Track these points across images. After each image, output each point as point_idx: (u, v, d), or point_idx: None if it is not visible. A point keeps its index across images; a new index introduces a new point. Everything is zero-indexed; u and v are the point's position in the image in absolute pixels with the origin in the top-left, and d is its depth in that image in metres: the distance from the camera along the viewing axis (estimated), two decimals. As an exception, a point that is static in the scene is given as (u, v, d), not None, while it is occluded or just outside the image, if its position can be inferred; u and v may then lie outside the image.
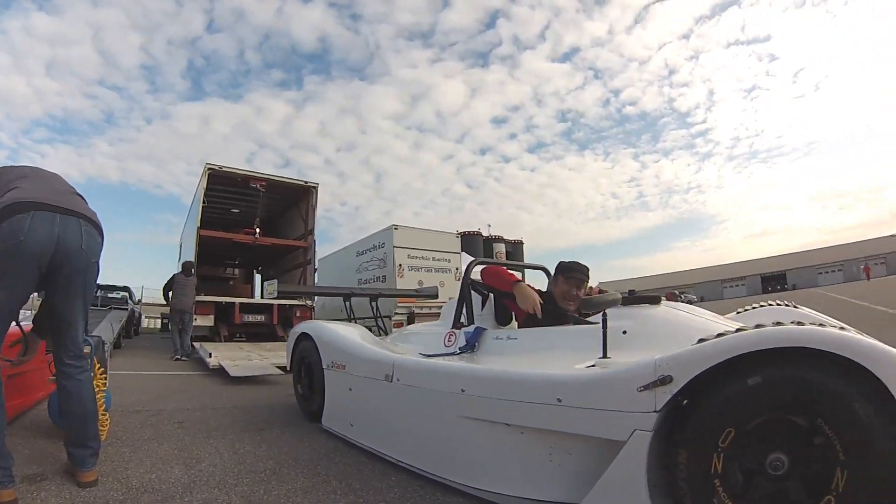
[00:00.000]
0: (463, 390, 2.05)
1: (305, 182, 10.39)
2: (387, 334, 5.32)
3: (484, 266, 3.00)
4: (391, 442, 2.50)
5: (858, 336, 1.26)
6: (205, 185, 9.14)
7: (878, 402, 1.17)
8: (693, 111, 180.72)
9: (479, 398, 1.98)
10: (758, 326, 1.39)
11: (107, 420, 2.65)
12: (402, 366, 2.52)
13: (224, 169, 9.37)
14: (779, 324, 1.37)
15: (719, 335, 1.41)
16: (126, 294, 14.61)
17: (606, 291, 2.91)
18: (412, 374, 2.44)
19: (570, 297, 2.69)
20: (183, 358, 7.64)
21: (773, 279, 59.06)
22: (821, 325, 1.36)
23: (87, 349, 2.79)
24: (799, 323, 1.39)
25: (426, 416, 2.28)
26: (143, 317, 17.46)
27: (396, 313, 9.47)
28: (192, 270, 8.32)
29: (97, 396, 2.62)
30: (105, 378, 2.89)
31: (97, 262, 2.23)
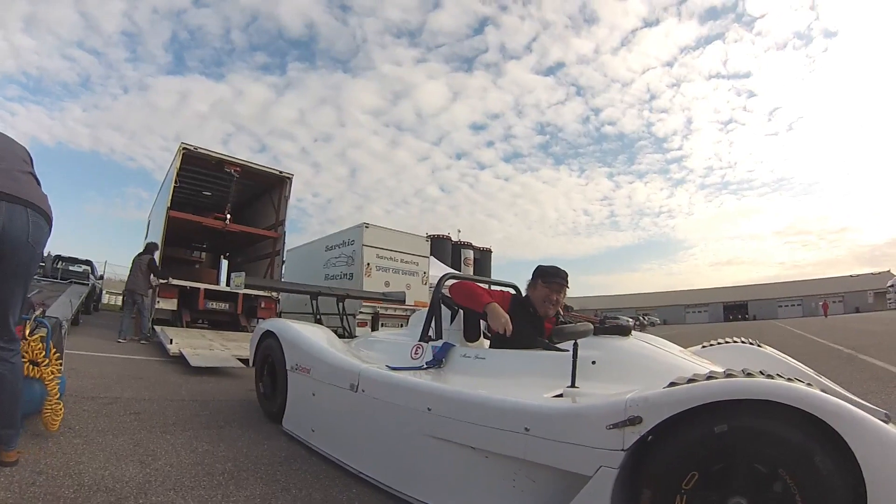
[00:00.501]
0: (430, 409, 2.07)
1: (280, 172, 10.27)
2: (351, 334, 5.32)
3: (455, 282, 3.02)
4: (353, 452, 2.50)
5: (824, 394, 1.31)
6: (178, 165, 8.95)
7: (837, 457, 1.23)
8: (670, 137, 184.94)
9: (445, 419, 2.00)
10: (728, 374, 1.44)
11: (60, 409, 2.56)
12: (369, 377, 2.52)
13: (199, 150, 9.18)
14: (749, 374, 1.42)
15: (690, 380, 1.45)
16: (88, 268, 14.19)
17: (570, 307, 2.99)
18: (378, 386, 2.44)
19: (551, 302, 2.76)
20: (142, 341, 7.46)
21: (734, 308, 61.28)
22: (789, 379, 1.40)
23: (42, 331, 2.74)
24: (768, 375, 1.43)
25: (390, 431, 2.29)
26: (103, 293, 16.95)
27: (361, 312, 9.46)
28: (155, 253, 8.13)
29: (53, 383, 2.56)
30: (60, 363, 2.80)
31: (42, 252, 2.20)
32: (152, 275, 8.04)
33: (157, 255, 8.40)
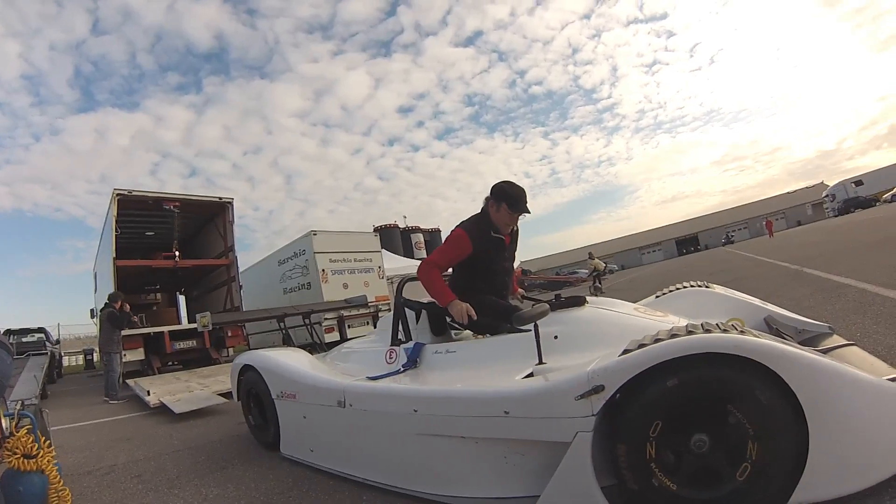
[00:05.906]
0: (416, 410, 2.23)
1: (220, 198, 10.15)
2: (322, 342, 5.46)
3: (422, 264, 3.03)
4: (354, 463, 2.65)
5: (751, 339, 1.56)
6: (115, 213, 8.73)
7: (774, 386, 1.49)
8: (598, 87, 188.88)
9: (432, 416, 2.17)
10: (673, 334, 1.66)
11: (67, 494, 2.60)
12: (353, 391, 2.65)
13: (134, 193, 9.01)
14: (690, 332, 1.65)
15: (641, 345, 1.68)
16: (42, 336, 13.67)
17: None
18: (364, 398, 2.58)
19: (513, 223, 2.96)
20: (105, 399, 7.20)
21: (686, 242, 64.01)
22: (724, 329, 1.65)
23: (27, 422, 2.74)
24: (706, 329, 1.66)
25: (384, 437, 2.45)
26: (63, 357, 16.29)
27: (326, 319, 9.60)
28: (118, 302, 7.80)
29: (53, 472, 2.59)
30: (52, 450, 2.83)
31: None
32: (117, 328, 7.60)
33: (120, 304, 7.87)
